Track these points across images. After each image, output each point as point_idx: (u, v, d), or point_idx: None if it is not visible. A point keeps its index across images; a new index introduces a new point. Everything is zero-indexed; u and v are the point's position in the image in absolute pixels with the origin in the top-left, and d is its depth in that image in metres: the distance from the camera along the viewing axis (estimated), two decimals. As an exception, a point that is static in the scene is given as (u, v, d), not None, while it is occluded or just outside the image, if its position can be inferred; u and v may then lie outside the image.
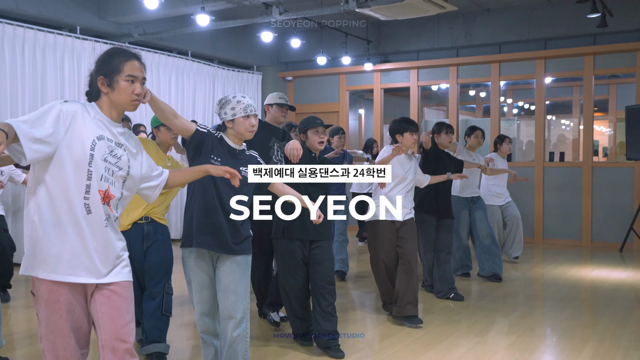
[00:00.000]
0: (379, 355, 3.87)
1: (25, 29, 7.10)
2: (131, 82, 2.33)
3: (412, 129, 4.63)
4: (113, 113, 2.37)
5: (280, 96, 4.64)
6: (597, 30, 8.36)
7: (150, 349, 3.63)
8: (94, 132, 2.27)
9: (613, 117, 12.30)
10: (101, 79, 2.33)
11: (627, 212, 8.49)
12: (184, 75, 9.35)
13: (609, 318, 4.79)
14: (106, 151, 2.29)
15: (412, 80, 10.10)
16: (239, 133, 3.11)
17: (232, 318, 3.04)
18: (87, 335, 2.35)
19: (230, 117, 3.10)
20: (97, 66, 2.37)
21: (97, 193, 2.25)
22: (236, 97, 3.14)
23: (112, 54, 2.38)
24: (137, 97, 2.35)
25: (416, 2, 6.62)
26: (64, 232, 2.21)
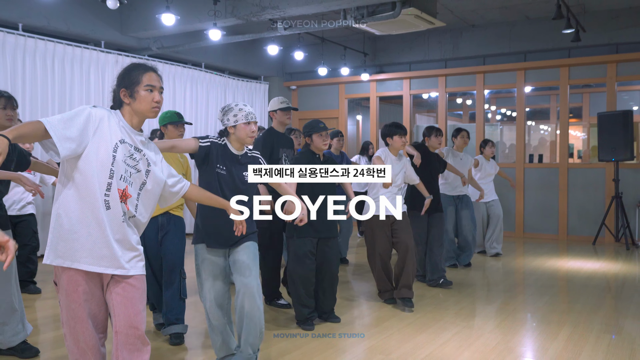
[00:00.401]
0: (374, 338, 3.89)
1: (55, 43, 7.12)
2: (150, 91, 2.35)
3: (401, 133, 4.69)
4: (134, 121, 2.38)
5: (282, 100, 4.60)
6: (572, 45, 8.37)
7: (170, 330, 3.68)
8: (117, 135, 2.29)
9: (586, 123, 12.31)
10: (123, 91, 2.35)
11: (599, 208, 8.51)
12: (197, 85, 9.36)
13: (582, 304, 4.81)
14: (126, 154, 2.31)
15: (405, 89, 10.11)
16: (240, 138, 3.12)
17: (250, 292, 3.02)
18: (104, 322, 2.36)
19: (233, 123, 3.11)
20: (118, 81, 2.39)
21: (116, 191, 2.27)
22: (238, 105, 3.15)
23: (131, 68, 2.40)
24: (156, 105, 2.36)
25: (408, 18, 6.62)
26: (87, 225, 2.22)
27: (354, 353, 3.60)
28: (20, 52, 6.74)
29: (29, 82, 6.82)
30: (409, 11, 6.42)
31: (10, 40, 6.63)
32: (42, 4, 6.82)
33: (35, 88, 6.90)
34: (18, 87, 6.72)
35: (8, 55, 6.61)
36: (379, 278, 4.78)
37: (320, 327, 4.09)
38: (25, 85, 6.79)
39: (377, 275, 4.78)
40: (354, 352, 3.62)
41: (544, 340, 3.86)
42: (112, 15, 7.68)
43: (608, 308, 4.72)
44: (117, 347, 2.29)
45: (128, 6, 7.54)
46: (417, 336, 3.93)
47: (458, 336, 3.93)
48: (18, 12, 6.67)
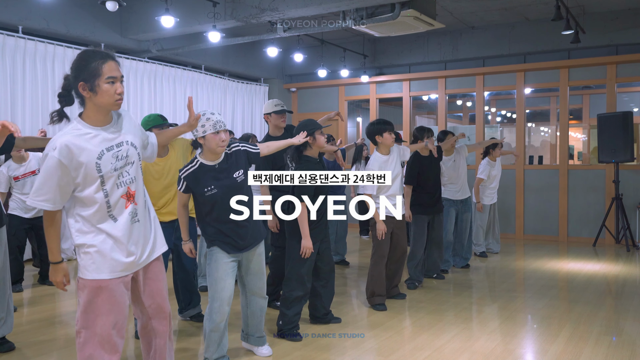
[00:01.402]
0: (375, 339, 3.88)
1: (55, 46, 7.13)
2: (112, 84, 2.22)
3: (390, 129, 4.52)
4: (100, 117, 2.27)
5: (276, 103, 4.47)
6: (571, 46, 8.37)
7: (191, 312, 4.19)
8: (93, 154, 2.22)
9: (586, 124, 12.30)
10: (82, 85, 2.21)
11: (600, 210, 8.50)
12: (197, 87, 9.37)
13: (582, 306, 4.79)
14: (112, 161, 2.26)
15: (405, 91, 10.11)
16: (211, 149, 3.05)
17: (262, 296, 3.39)
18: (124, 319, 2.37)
19: (202, 134, 3.02)
20: (75, 72, 2.23)
21: (119, 200, 2.29)
22: (205, 114, 3.01)
23: (88, 57, 2.22)
24: (119, 97, 2.25)
25: (407, 20, 6.62)
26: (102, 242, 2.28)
27: (354, 354, 3.59)
28: (20, 55, 6.74)
29: (29, 85, 6.83)
30: (409, 13, 6.42)
31: (10, 43, 6.63)
32: (41, 6, 6.83)
33: (35, 90, 6.90)
34: (18, 90, 6.72)
35: (8, 58, 6.61)
36: (379, 280, 4.68)
37: (320, 328, 4.08)
38: (25, 87, 6.79)
39: (378, 278, 4.67)
40: (353, 353, 3.61)
41: (544, 342, 3.85)
42: (112, 17, 7.68)
43: (608, 310, 4.70)
44: (148, 319, 2.48)
45: (127, 8, 7.54)
46: (417, 337, 3.92)
47: (458, 337, 3.92)
48: (18, 15, 6.67)
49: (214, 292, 3.17)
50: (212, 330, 3.19)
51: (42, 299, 5.10)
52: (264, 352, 3.51)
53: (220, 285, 3.14)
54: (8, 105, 6.60)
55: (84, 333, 2.28)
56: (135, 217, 2.34)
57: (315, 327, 4.13)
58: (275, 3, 6.78)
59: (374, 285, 4.68)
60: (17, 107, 6.72)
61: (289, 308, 3.86)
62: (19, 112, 6.73)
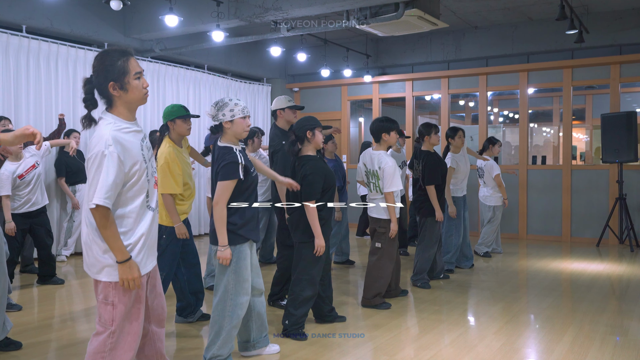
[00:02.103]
0: (379, 339, 3.88)
1: (59, 45, 7.13)
2: (139, 79, 2.28)
3: (397, 128, 4.61)
4: (130, 114, 2.32)
5: (289, 99, 4.60)
6: (575, 46, 8.36)
7: (199, 314, 4.21)
8: (137, 146, 2.30)
9: (589, 125, 12.28)
10: (112, 85, 2.24)
11: (603, 210, 8.48)
12: (200, 86, 9.37)
13: (587, 306, 4.78)
14: (145, 152, 2.36)
15: (407, 90, 10.10)
16: (237, 133, 3.13)
17: (262, 292, 3.41)
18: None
19: (229, 118, 3.10)
20: (103, 73, 2.25)
21: (154, 190, 2.39)
22: (232, 100, 3.13)
23: (112, 57, 2.25)
24: (147, 90, 2.31)
25: (411, 19, 6.61)
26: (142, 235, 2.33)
27: (359, 353, 3.59)
28: (24, 54, 6.75)
29: (32, 84, 6.83)
30: (412, 12, 6.41)
31: (14, 42, 6.64)
32: (45, 5, 6.83)
33: (39, 90, 6.90)
34: (22, 88, 6.72)
35: (12, 57, 6.61)
36: (387, 281, 4.68)
37: (324, 327, 4.07)
38: (29, 86, 6.79)
39: (386, 280, 4.66)
40: (358, 352, 3.61)
41: (549, 342, 3.84)
42: (115, 17, 7.69)
43: (613, 310, 4.69)
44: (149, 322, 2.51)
45: (131, 8, 7.54)
46: (422, 337, 3.91)
47: (463, 337, 3.91)
48: (22, 14, 6.68)
49: (241, 289, 3.16)
50: (235, 327, 3.20)
51: (42, 299, 5.10)
52: (275, 349, 3.55)
53: (248, 284, 3.19)
54: (12, 104, 6.61)
55: (118, 336, 2.31)
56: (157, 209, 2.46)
57: (319, 326, 4.13)
58: (279, 2, 6.78)
59: (380, 288, 4.66)
60: (21, 106, 6.73)
61: (297, 308, 3.84)
62: (23, 111, 6.74)
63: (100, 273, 2.29)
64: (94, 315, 4.46)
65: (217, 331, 3.18)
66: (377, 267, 4.63)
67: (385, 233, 4.58)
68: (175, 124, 3.87)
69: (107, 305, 2.30)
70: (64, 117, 6.79)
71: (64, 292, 5.33)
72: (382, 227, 4.59)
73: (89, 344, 2.36)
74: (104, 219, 2.19)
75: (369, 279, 4.67)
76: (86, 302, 4.92)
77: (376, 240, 4.65)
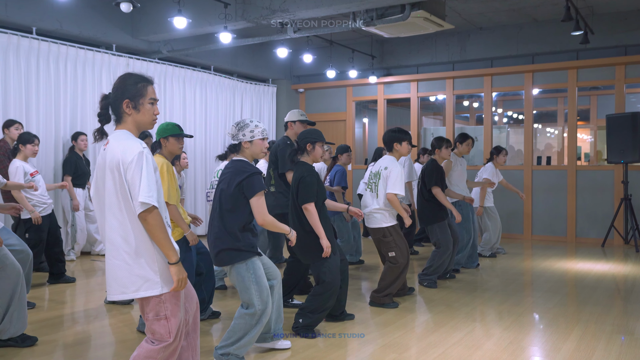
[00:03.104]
0: (388, 337, 3.92)
1: (68, 47, 7.21)
2: (152, 105, 2.42)
3: (409, 139, 4.73)
4: (136, 134, 2.43)
5: (301, 114, 4.79)
6: (580, 47, 8.40)
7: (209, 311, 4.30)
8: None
9: (594, 125, 12.30)
10: (127, 102, 2.36)
11: (608, 210, 8.51)
12: (207, 87, 9.43)
13: (592, 306, 4.82)
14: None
15: (412, 91, 10.14)
16: (255, 153, 3.29)
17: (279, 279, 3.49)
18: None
19: (249, 139, 3.25)
20: (121, 90, 2.37)
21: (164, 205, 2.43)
22: (253, 122, 3.30)
23: (134, 80, 2.40)
24: (156, 118, 2.45)
25: (417, 21, 6.67)
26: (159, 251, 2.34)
27: (368, 351, 3.63)
28: (34, 55, 6.82)
29: (42, 85, 6.91)
30: (418, 14, 6.46)
31: (24, 44, 6.71)
32: (55, 8, 6.91)
33: (48, 90, 6.98)
34: (32, 90, 6.80)
35: (22, 58, 6.69)
36: (400, 284, 4.75)
37: (333, 325, 4.12)
38: (39, 87, 6.87)
39: (401, 281, 4.72)
40: (368, 350, 3.65)
41: (555, 341, 3.88)
42: (124, 19, 7.76)
43: (618, 310, 4.72)
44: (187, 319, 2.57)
45: (139, 10, 7.61)
46: (430, 335, 3.96)
47: (470, 335, 3.96)
48: (32, 16, 6.75)
49: (265, 296, 3.21)
50: (259, 333, 3.27)
51: (53, 297, 5.16)
52: (287, 344, 3.63)
53: (267, 291, 3.24)
54: (23, 105, 6.68)
55: (174, 345, 2.41)
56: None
57: (328, 324, 4.18)
58: (285, 4, 6.83)
59: (393, 289, 4.73)
60: (31, 107, 6.81)
61: (316, 313, 3.89)
62: (33, 112, 6.81)
63: (139, 290, 2.29)
64: (102, 314, 4.52)
65: (241, 336, 3.23)
66: (394, 272, 4.67)
67: (393, 240, 4.62)
68: (168, 141, 3.82)
69: (161, 320, 2.34)
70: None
71: (75, 290, 5.39)
72: (388, 235, 4.62)
73: (138, 348, 2.42)
74: (159, 218, 2.24)
75: (384, 282, 4.72)
76: (95, 301, 4.98)
77: (387, 249, 4.66)
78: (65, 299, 5.07)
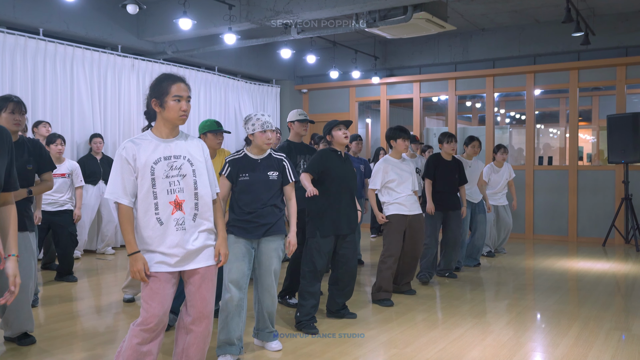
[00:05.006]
0: (389, 333, 3.99)
1: (75, 47, 7.30)
2: (178, 101, 2.53)
3: (404, 136, 4.84)
4: (166, 130, 2.58)
5: (300, 113, 4.78)
6: (581, 48, 8.44)
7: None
8: (151, 158, 2.52)
9: (596, 126, 12.32)
10: (154, 101, 2.56)
11: (609, 210, 8.55)
12: (211, 88, 9.51)
13: (592, 303, 4.87)
14: (166, 169, 2.53)
15: (415, 92, 10.20)
16: (257, 145, 3.41)
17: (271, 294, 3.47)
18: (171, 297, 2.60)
19: (251, 131, 3.40)
20: (150, 91, 2.59)
21: (167, 205, 2.52)
22: (257, 115, 3.42)
23: (161, 79, 2.59)
24: (184, 113, 2.56)
25: (419, 22, 6.73)
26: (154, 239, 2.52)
27: (369, 347, 3.70)
28: (41, 56, 6.92)
29: (49, 85, 7.00)
30: (421, 15, 6.52)
31: (31, 45, 6.80)
32: (62, 9, 7.00)
33: (55, 91, 7.07)
34: (39, 90, 6.89)
35: (29, 59, 6.78)
36: (387, 277, 4.79)
37: (334, 323, 4.19)
38: (45, 88, 6.96)
39: (385, 274, 4.79)
40: (369, 346, 3.72)
41: (554, 337, 3.93)
42: (129, 20, 7.85)
43: (618, 307, 4.78)
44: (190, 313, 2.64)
45: (145, 11, 7.69)
46: (430, 332, 4.02)
47: (470, 332, 4.02)
48: (39, 18, 6.84)
49: (225, 273, 3.32)
50: (222, 310, 3.32)
51: (60, 295, 5.24)
52: (274, 347, 3.59)
53: (228, 267, 3.28)
54: (29, 106, 6.76)
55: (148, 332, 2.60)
56: (182, 225, 2.55)
57: (329, 321, 4.24)
58: (289, 6, 6.91)
59: (381, 281, 4.81)
60: (37, 108, 6.90)
61: (307, 299, 4.01)
62: (40, 113, 6.90)
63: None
64: (105, 312, 4.60)
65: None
66: (379, 261, 4.88)
67: (387, 232, 4.83)
68: (206, 137, 4.05)
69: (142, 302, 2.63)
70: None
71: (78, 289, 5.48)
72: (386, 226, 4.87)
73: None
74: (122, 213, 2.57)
75: (377, 273, 4.89)
76: (97, 300, 5.06)
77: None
78: (70, 298, 5.15)
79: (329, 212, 4.01)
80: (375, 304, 4.79)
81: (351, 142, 6.36)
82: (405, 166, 4.89)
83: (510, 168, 7.19)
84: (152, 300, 2.52)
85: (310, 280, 4.02)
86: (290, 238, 3.49)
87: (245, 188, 3.34)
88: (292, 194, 3.51)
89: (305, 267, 4.04)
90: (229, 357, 3.31)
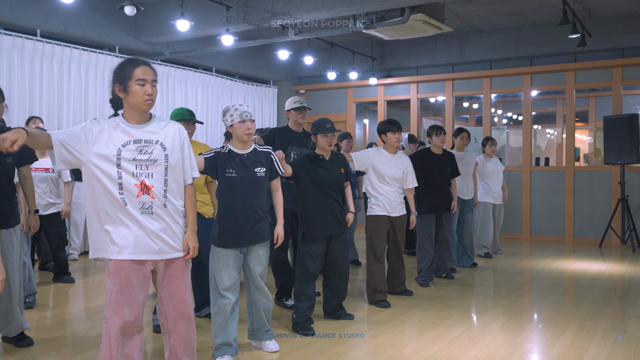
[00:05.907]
0: (385, 334, 4.00)
1: (72, 48, 7.29)
2: (142, 85, 2.42)
3: (394, 129, 4.77)
4: (134, 116, 2.47)
5: (295, 100, 4.69)
6: (578, 49, 8.47)
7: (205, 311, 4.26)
8: (120, 140, 2.42)
9: (592, 127, 12.36)
10: (117, 86, 2.45)
11: (606, 211, 8.58)
12: (208, 89, 9.51)
13: (588, 304, 4.89)
14: (135, 152, 2.43)
15: (412, 93, 10.22)
16: (238, 137, 3.29)
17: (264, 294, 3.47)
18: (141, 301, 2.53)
19: (230, 123, 3.28)
20: (113, 76, 2.48)
21: (132, 187, 2.41)
22: (234, 105, 3.29)
23: (124, 64, 2.49)
24: (149, 97, 2.44)
25: (416, 24, 6.74)
26: (112, 221, 2.43)
27: (366, 348, 3.71)
28: (38, 57, 6.91)
29: (46, 86, 6.99)
30: (418, 17, 6.54)
31: (28, 46, 6.80)
32: (59, 10, 6.99)
33: (52, 92, 7.06)
34: (36, 91, 6.88)
35: (26, 60, 6.77)
36: (380, 278, 4.78)
37: (331, 324, 4.19)
38: (42, 89, 6.95)
39: (378, 275, 4.77)
40: (365, 347, 3.73)
41: (550, 338, 3.95)
42: (127, 21, 7.84)
43: (614, 307, 4.79)
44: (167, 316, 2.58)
45: (142, 13, 7.68)
46: (427, 333, 4.03)
47: (466, 333, 4.03)
48: (36, 19, 6.84)
49: (217, 282, 3.30)
50: (217, 315, 3.31)
51: (56, 297, 5.24)
52: (271, 347, 3.56)
53: (219, 276, 3.27)
54: (26, 107, 6.76)
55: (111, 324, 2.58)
56: (149, 209, 2.46)
57: (327, 322, 4.25)
58: (287, 7, 6.91)
59: (375, 282, 4.79)
60: (34, 109, 6.88)
61: (302, 302, 4.01)
62: (36, 113, 6.88)
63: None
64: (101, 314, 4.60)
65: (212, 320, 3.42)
66: (367, 262, 4.87)
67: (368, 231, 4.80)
68: None
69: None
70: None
71: (76, 290, 5.47)
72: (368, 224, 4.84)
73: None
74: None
75: (367, 275, 4.89)
76: (97, 300, 5.06)
77: None
78: (67, 299, 5.15)
79: (317, 215, 3.99)
80: (372, 305, 4.80)
81: (342, 140, 6.36)
82: (397, 161, 4.77)
83: (498, 160, 7.23)
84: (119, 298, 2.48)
85: (304, 283, 4.03)
86: (278, 230, 3.47)
87: (232, 185, 3.24)
88: (278, 185, 3.48)
89: (299, 270, 4.05)
90: (227, 357, 3.31)
